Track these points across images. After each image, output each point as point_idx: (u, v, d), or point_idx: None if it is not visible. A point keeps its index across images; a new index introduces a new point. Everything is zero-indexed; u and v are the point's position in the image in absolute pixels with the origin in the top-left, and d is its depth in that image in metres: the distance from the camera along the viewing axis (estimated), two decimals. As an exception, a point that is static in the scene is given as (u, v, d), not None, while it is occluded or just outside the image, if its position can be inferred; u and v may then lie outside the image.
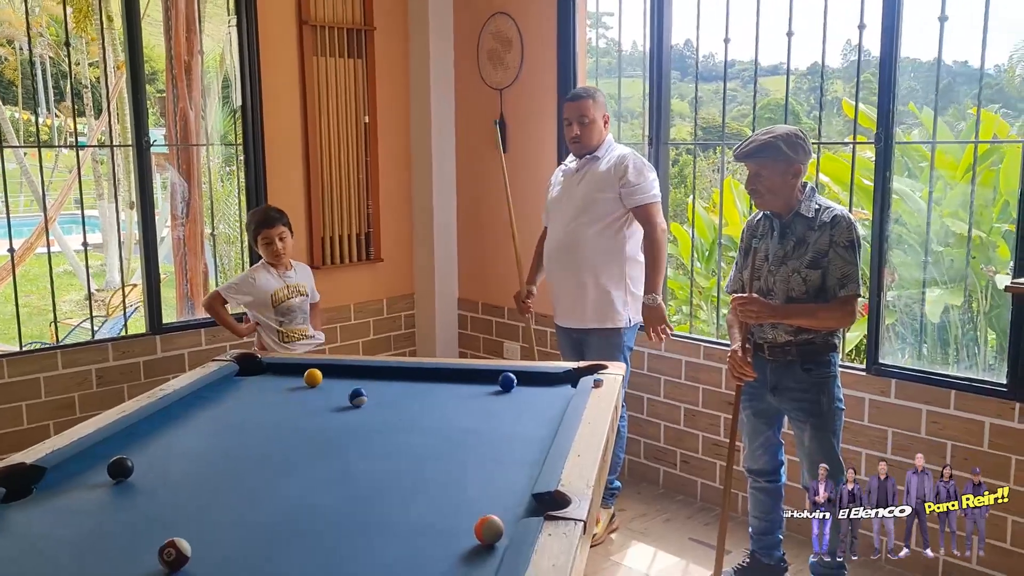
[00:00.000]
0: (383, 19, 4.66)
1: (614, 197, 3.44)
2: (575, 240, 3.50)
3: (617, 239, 3.48)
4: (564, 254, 3.55)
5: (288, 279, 3.68)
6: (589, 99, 3.47)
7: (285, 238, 3.65)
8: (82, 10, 10.07)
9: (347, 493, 1.95)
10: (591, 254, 3.48)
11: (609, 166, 3.46)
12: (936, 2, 3.10)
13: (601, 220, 3.46)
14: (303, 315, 3.70)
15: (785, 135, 2.74)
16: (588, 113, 3.46)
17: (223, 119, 7.04)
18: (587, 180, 3.51)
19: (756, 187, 2.79)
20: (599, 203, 3.46)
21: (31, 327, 8.46)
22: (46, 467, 2.02)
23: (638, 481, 4.21)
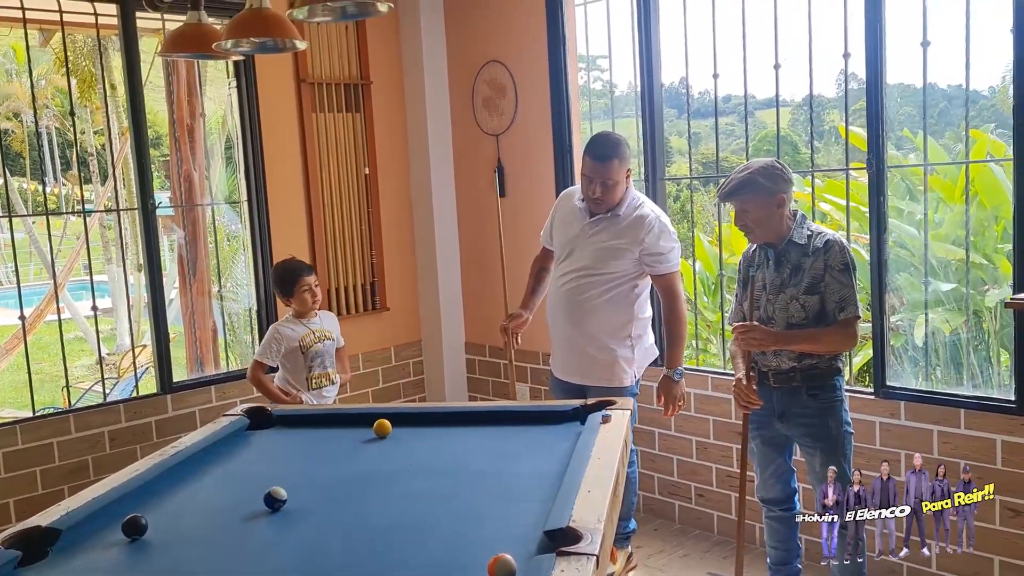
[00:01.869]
0: (379, 73, 4.76)
1: (632, 260, 3.25)
2: (582, 297, 3.31)
3: (627, 300, 3.31)
4: (568, 309, 3.35)
5: (312, 325, 3.75)
6: (615, 159, 3.19)
7: (318, 286, 3.78)
8: (86, 80, 10.28)
9: (360, 537, 1.96)
10: (598, 314, 3.29)
11: (630, 226, 3.24)
12: (921, 26, 3.16)
13: (613, 280, 3.28)
14: (330, 359, 3.78)
15: (762, 168, 2.79)
16: (614, 176, 3.20)
17: (227, 179, 7.14)
18: (603, 235, 3.28)
19: (745, 223, 2.83)
20: (612, 264, 3.26)
21: (43, 394, 8.50)
22: (61, 529, 2.03)
23: (654, 517, 4.18)
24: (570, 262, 3.37)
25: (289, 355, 3.70)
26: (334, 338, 3.82)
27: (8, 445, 3.70)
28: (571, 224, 3.40)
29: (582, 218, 3.35)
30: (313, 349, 3.71)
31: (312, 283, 3.74)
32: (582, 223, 3.35)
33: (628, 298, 3.32)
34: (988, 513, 3.12)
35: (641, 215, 3.26)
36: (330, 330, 3.82)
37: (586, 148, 3.33)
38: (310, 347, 3.71)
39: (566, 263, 3.39)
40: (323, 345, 3.74)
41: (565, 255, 3.41)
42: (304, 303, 3.74)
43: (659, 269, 3.27)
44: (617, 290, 3.29)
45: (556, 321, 3.44)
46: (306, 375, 3.70)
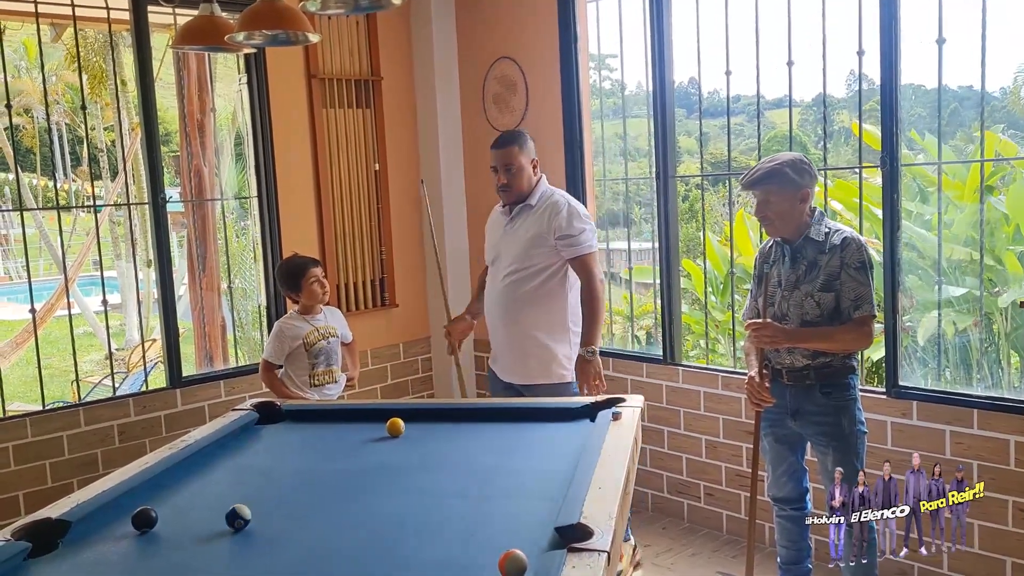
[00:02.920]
0: (389, 69, 4.76)
1: (550, 248, 3.27)
2: (513, 294, 3.33)
3: (558, 292, 3.32)
4: (503, 308, 3.37)
5: (316, 322, 3.72)
6: (515, 146, 3.30)
7: (326, 280, 3.75)
8: (97, 76, 10.31)
9: (370, 533, 1.95)
10: (531, 309, 3.30)
11: (543, 215, 3.29)
12: (934, 26, 3.14)
13: (539, 273, 3.29)
14: (334, 356, 3.74)
15: (790, 161, 2.77)
16: (515, 161, 3.29)
17: (237, 175, 7.15)
18: (521, 230, 3.34)
19: (766, 214, 2.81)
20: (535, 256, 3.29)
21: (52, 388, 8.52)
22: (71, 521, 2.03)
23: (663, 516, 4.16)
24: (499, 264, 3.41)
25: (293, 352, 3.68)
26: (338, 335, 3.78)
27: (18, 438, 3.71)
28: (495, 230, 3.50)
29: (502, 221, 3.43)
30: (317, 346, 3.67)
31: (320, 275, 3.71)
32: (503, 225, 3.43)
33: (560, 292, 3.33)
34: (1001, 514, 3.10)
35: (554, 202, 3.32)
36: (335, 326, 3.78)
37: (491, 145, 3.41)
38: (314, 344, 3.68)
39: (496, 266, 3.44)
40: (327, 343, 3.70)
41: (494, 259, 3.46)
42: (313, 295, 3.69)
43: (572, 252, 3.26)
44: (548, 284, 3.31)
45: (493, 323, 3.45)
46: (309, 372, 3.66)
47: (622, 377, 4.26)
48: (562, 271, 3.31)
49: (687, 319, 5.69)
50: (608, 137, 4.63)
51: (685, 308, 5.43)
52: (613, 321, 4.97)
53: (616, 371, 4.30)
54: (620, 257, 6.68)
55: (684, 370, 4.04)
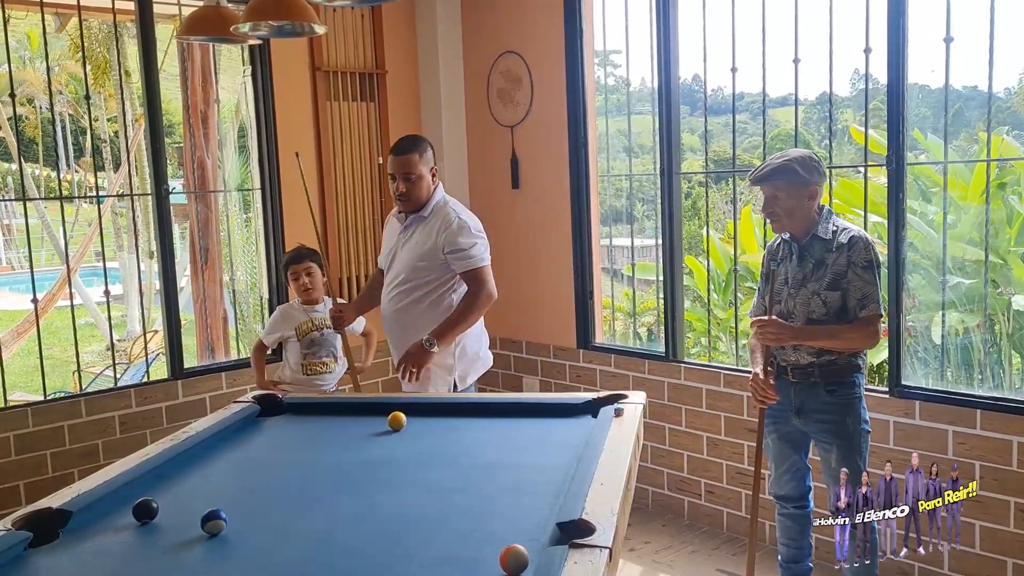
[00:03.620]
0: (394, 62, 4.74)
1: (441, 262, 3.21)
2: (400, 304, 3.28)
3: (444, 304, 3.25)
4: (392, 318, 3.33)
5: (314, 313, 3.72)
6: (415, 153, 3.21)
7: (312, 274, 3.71)
8: (100, 67, 10.31)
9: (371, 527, 1.95)
10: (418, 320, 3.23)
11: (433, 229, 3.22)
12: (941, 25, 3.13)
13: (428, 286, 3.24)
14: (329, 348, 3.74)
15: (800, 157, 2.76)
16: (414, 169, 3.20)
17: (240, 167, 7.15)
18: (413, 243, 3.27)
19: (774, 210, 2.80)
20: (423, 269, 3.23)
21: (54, 378, 8.53)
22: (72, 511, 2.03)
23: (663, 513, 4.16)
24: (391, 274, 3.36)
25: (288, 340, 3.72)
26: None
27: (19, 428, 3.71)
28: (390, 238, 3.42)
29: (398, 228, 3.36)
30: (309, 337, 3.69)
31: (303, 271, 3.69)
32: (398, 232, 3.35)
33: (445, 303, 3.26)
34: (1002, 515, 3.10)
35: (444, 215, 3.24)
36: None
37: (389, 150, 3.32)
38: (306, 335, 3.69)
39: (388, 276, 3.38)
40: (321, 334, 3.70)
41: (388, 268, 3.40)
42: (295, 290, 3.74)
43: (462, 265, 3.21)
44: (435, 297, 3.25)
45: (386, 330, 3.41)
46: (302, 361, 3.69)
47: (624, 374, 4.26)
48: (451, 284, 3.26)
49: (689, 316, 5.69)
50: (612, 133, 4.62)
51: (687, 305, 5.43)
52: (615, 318, 4.97)
53: (618, 367, 4.30)
54: (623, 254, 6.68)
55: (686, 367, 4.03)
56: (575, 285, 4.45)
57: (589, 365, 4.44)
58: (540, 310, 4.65)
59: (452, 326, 3.20)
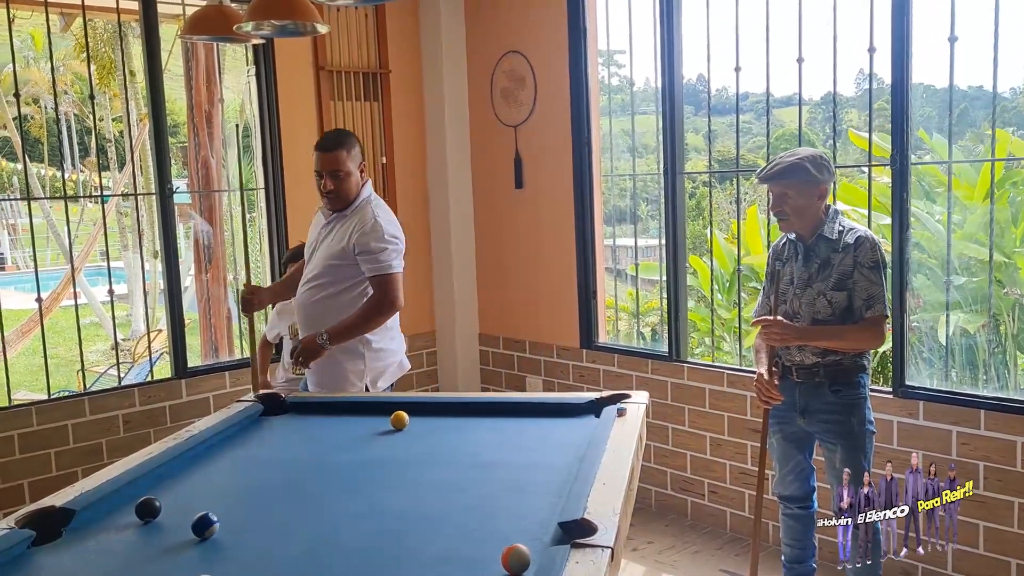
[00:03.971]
0: (397, 62, 4.75)
1: (350, 264, 3.12)
2: (313, 301, 3.18)
3: (354, 305, 3.16)
4: (303, 315, 3.23)
5: None
6: (342, 150, 3.10)
7: None
8: (105, 67, 10.33)
9: (373, 526, 1.95)
10: (327, 319, 3.12)
11: (351, 227, 3.12)
12: (946, 25, 3.13)
13: (341, 284, 3.15)
14: None
15: (811, 156, 2.75)
16: (342, 166, 3.08)
17: (244, 167, 7.16)
18: (331, 240, 3.17)
19: (783, 209, 2.78)
20: (339, 268, 3.14)
21: (58, 377, 8.55)
22: (75, 509, 2.03)
23: (666, 513, 4.16)
24: (308, 269, 3.25)
25: (283, 338, 3.69)
26: None
27: (23, 426, 3.72)
28: (312, 233, 3.32)
29: (321, 222, 3.25)
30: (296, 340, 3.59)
31: None
32: (320, 228, 3.25)
33: (357, 303, 3.16)
34: (1006, 516, 3.09)
35: (362, 214, 3.13)
36: None
37: (315, 147, 3.20)
38: (297, 334, 3.59)
39: (306, 270, 3.28)
40: None
41: (307, 262, 3.29)
42: None
43: (370, 269, 3.10)
44: (346, 297, 3.16)
45: (299, 329, 3.31)
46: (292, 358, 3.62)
47: (627, 373, 4.26)
48: (363, 285, 3.17)
49: (693, 316, 5.69)
50: (615, 133, 4.62)
51: (691, 305, 5.43)
52: (619, 318, 4.97)
53: (621, 367, 4.30)
54: (626, 254, 6.67)
55: (689, 367, 4.03)
56: (578, 285, 4.45)
57: (592, 365, 4.44)
58: (543, 310, 4.65)
59: (347, 328, 3.10)
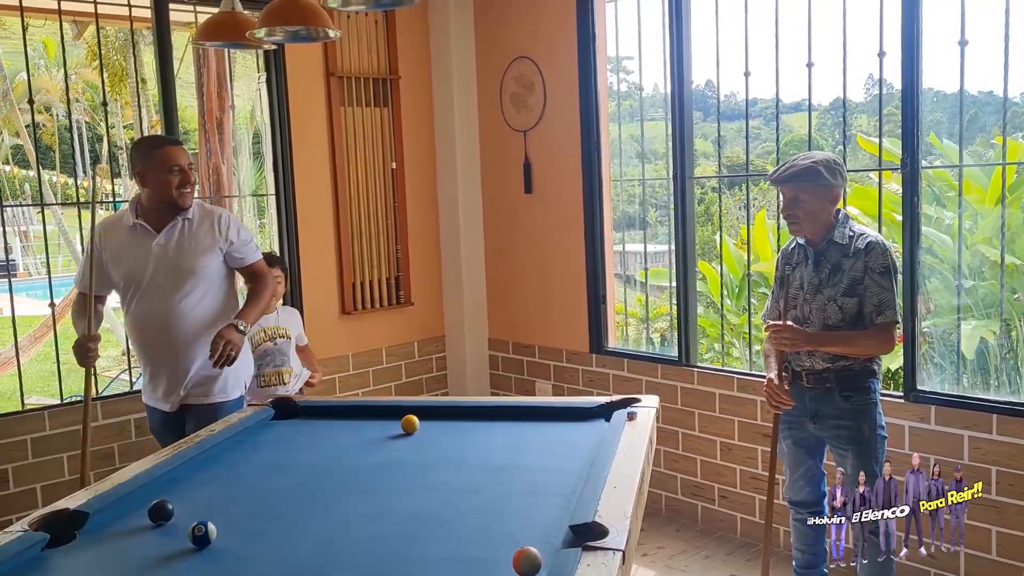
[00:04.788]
0: (407, 68, 4.77)
1: (219, 260, 3.07)
2: (179, 318, 3.01)
3: (226, 303, 3.12)
4: (165, 336, 3.02)
5: (267, 322, 3.58)
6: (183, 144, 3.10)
7: (280, 281, 3.61)
8: (117, 74, 10.40)
9: (384, 528, 1.95)
10: (198, 328, 3.02)
11: (205, 227, 3.05)
12: (956, 29, 3.12)
13: (208, 289, 3.05)
14: (283, 358, 3.62)
15: (824, 160, 2.75)
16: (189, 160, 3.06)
17: (254, 173, 7.20)
18: (184, 245, 3.02)
19: (794, 212, 2.77)
20: (205, 272, 3.03)
21: (70, 383, 8.57)
22: (89, 512, 2.04)
23: (676, 518, 4.15)
24: (157, 284, 3.02)
25: None
26: (290, 336, 3.65)
27: (36, 431, 3.74)
28: (134, 249, 3.05)
29: (148, 236, 3.03)
30: (263, 347, 3.56)
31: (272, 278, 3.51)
32: (151, 241, 3.03)
33: (231, 303, 3.14)
34: (1019, 521, 3.07)
35: (208, 212, 3.12)
36: (286, 327, 3.65)
37: (154, 147, 3.04)
38: (258, 345, 3.55)
39: (151, 287, 3.03)
40: (274, 344, 3.58)
41: (143, 281, 3.04)
42: None
43: (246, 260, 3.14)
44: (213, 298, 3.08)
45: (151, 348, 3.10)
46: (256, 372, 3.49)
47: (637, 378, 4.26)
48: (229, 280, 3.14)
49: (702, 322, 5.68)
50: (624, 139, 4.62)
51: (700, 311, 5.42)
52: (628, 323, 4.97)
53: (631, 372, 4.30)
54: (635, 259, 6.67)
55: (699, 372, 4.02)
56: (588, 290, 4.45)
57: (602, 369, 4.44)
58: (553, 315, 4.65)
59: (256, 311, 3.10)
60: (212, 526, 1.88)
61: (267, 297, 3.20)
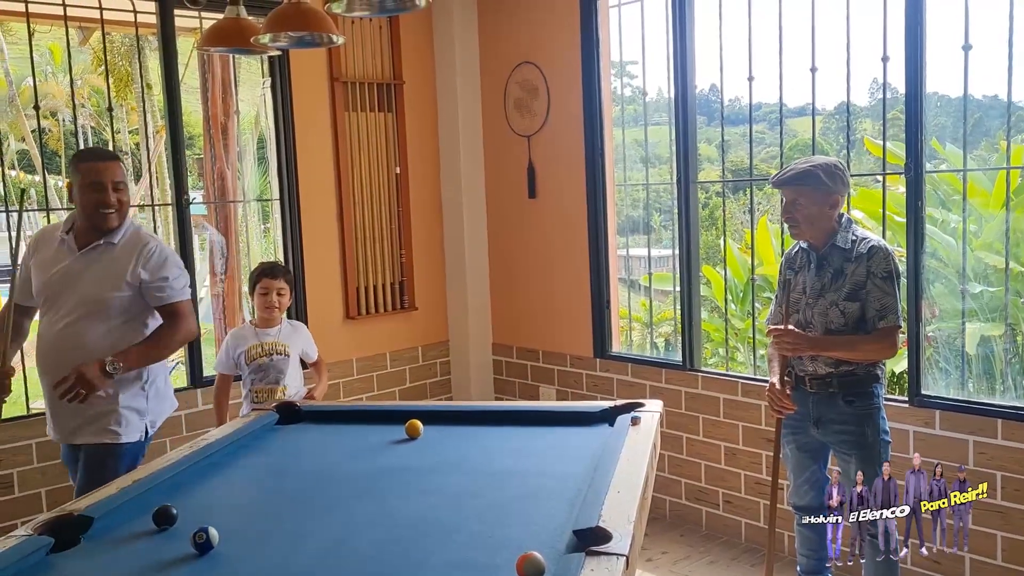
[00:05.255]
0: (411, 73, 4.78)
1: (134, 290, 2.86)
2: (81, 341, 2.81)
3: (134, 337, 2.88)
4: (65, 358, 2.79)
5: (266, 336, 3.49)
6: (119, 161, 2.89)
7: (284, 294, 3.51)
8: (122, 79, 10.44)
9: (387, 533, 1.95)
10: (99, 357, 2.76)
11: (127, 252, 2.87)
12: (960, 33, 3.12)
13: (113, 318, 2.85)
14: (279, 375, 3.46)
15: (824, 165, 2.75)
16: (123, 178, 2.86)
17: (259, 178, 7.22)
18: (97, 271, 2.85)
19: (793, 215, 2.78)
20: (113, 297, 2.84)
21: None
22: (93, 517, 2.05)
23: (680, 523, 4.14)
24: (61, 305, 2.86)
25: (240, 365, 3.48)
26: (288, 354, 3.50)
27: (40, 435, 3.74)
28: (54, 263, 2.89)
29: (69, 253, 2.88)
30: (257, 362, 3.45)
31: (275, 287, 3.47)
32: (69, 258, 2.88)
33: (136, 335, 2.89)
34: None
35: (138, 240, 2.90)
36: (287, 344, 3.51)
37: (79, 160, 2.90)
38: (254, 359, 3.45)
39: (56, 307, 2.88)
40: (270, 359, 3.46)
41: (52, 299, 2.89)
42: (259, 305, 3.50)
43: (162, 298, 2.89)
44: (119, 329, 2.86)
45: (46, 374, 2.87)
46: (250, 387, 3.46)
47: (641, 383, 4.25)
48: (142, 316, 2.92)
49: (707, 327, 5.67)
50: (628, 144, 4.63)
51: (704, 316, 5.42)
52: (632, 328, 4.96)
53: (634, 376, 4.29)
54: (639, 264, 6.67)
55: (703, 376, 4.02)
56: (591, 294, 4.45)
57: (606, 374, 4.44)
58: (556, 319, 4.65)
59: (144, 355, 2.85)
60: (214, 531, 1.88)
61: (169, 343, 2.93)
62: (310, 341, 3.68)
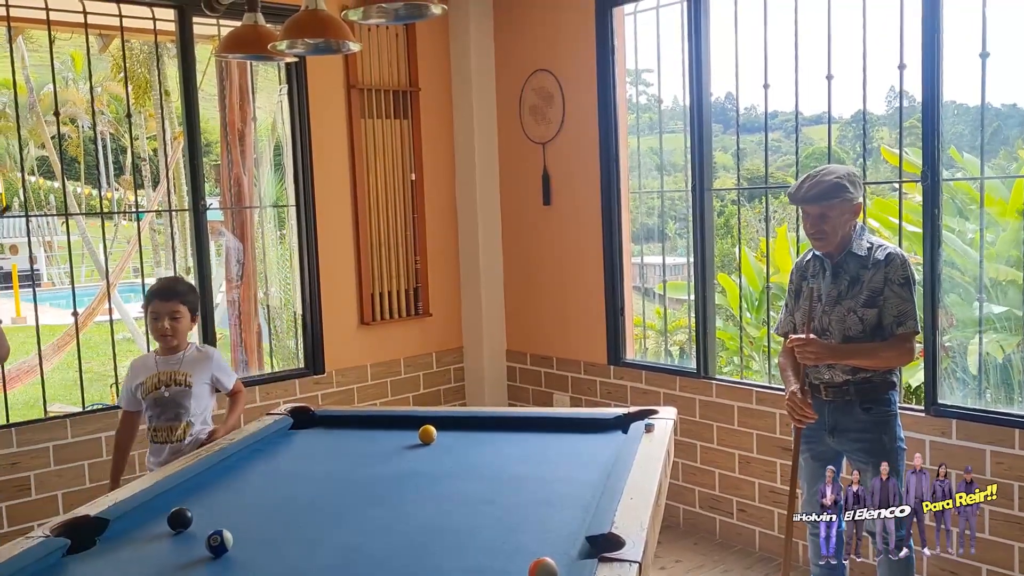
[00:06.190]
0: (427, 80, 4.80)
1: None
2: None
3: None
4: None
5: (167, 365, 3.01)
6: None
7: (179, 317, 2.99)
8: (141, 87, 10.54)
9: (401, 538, 1.96)
10: None
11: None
12: (977, 41, 3.10)
13: None
14: (178, 409, 2.98)
15: (847, 174, 2.74)
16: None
17: (275, 184, 7.25)
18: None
19: (821, 228, 2.74)
20: None
21: (92, 392, 8.67)
22: (109, 519, 2.07)
23: (694, 531, 4.12)
24: None
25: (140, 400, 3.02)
26: (190, 383, 2.99)
27: (58, 438, 3.78)
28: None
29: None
30: (151, 396, 2.97)
31: (166, 311, 2.96)
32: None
33: None
34: (1043, 538, 3.03)
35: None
36: (188, 372, 3.00)
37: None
38: (148, 392, 2.98)
39: None
40: (167, 391, 2.97)
41: None
42: (151, 332, 3.05)
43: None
44: None
45: None
46: (147, 425, 3.02)
47: (655, 390, 4.24)
48: None
49: (721, 334, 5.65)
50: (643, 152, 4.62)
51: (719, 324, 5.40)
52: (646, 336, 4.96)
53: (649, 384, 4.28)
54: (654, 272, 6.66)
55: (718, 384, 4.01)
56: (606, 301, 4.45)
57: (620, 381, 4.43)
58: (571, 326, 4.65)
59: None
60: (228, 534, 1.89)
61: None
62: (223, 368, 3.14)
